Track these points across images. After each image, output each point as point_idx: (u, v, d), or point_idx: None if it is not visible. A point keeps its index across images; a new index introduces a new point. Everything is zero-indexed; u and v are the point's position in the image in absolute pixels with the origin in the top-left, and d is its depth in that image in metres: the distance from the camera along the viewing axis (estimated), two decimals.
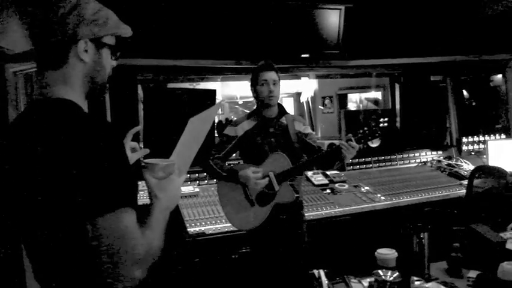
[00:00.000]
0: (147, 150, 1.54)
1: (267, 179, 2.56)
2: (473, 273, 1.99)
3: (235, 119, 3.03)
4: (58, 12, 1.10)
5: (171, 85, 4.72)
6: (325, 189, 3.83)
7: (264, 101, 2.69)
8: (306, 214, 2.99)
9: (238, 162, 2.95)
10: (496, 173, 3.62)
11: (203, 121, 1.33)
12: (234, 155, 3.06)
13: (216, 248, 3.00)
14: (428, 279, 2.00)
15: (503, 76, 5.17)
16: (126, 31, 1.23)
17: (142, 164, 1.19)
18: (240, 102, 6.53)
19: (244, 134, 2.71)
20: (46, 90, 1.13)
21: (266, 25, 3.75)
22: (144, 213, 1.11)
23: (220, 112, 6.23)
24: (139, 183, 1.33)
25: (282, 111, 2.80)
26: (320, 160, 2.61)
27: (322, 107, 6.12)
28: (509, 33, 4.89)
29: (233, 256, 3.03)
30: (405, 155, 4.66)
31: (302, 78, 5.59)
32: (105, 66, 1.21)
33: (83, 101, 1.18)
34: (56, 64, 1.13)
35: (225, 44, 3.76)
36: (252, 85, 2.75)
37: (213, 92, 4.05)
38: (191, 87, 4.98)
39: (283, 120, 2.77)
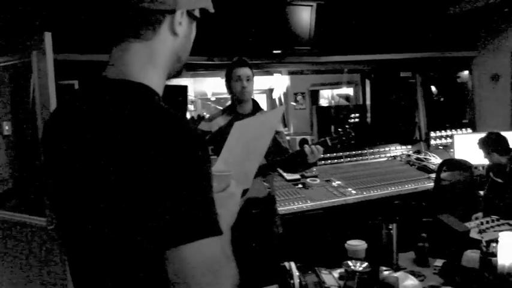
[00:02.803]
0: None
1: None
2: (439, 262, 2.06)
3: (208, 115, 3.03)
4: None
5: None
6: (297, 184, 3.86)
7: (237, 96, 2.71)
8: (277, 209, 3.01)
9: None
10: (462, 166, 3.73)
11: (259, 126, 1.18)
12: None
13: None
14: (396, 269, 2.05)
15: (470, 73, 5.32)
16: (211, 5, 1.07)
17: None
18: (213, 98, 6.50)
19: (218, 130, 2.71)
20: (125, 68, 0.93)
21: (238, 21, 3.75)
22: None
23: (192, 109, 6.20)
24: None
25: (256, 107, 2.81)
26: (287, 161, 2.63)
27: (294, 103, 6.16)
28: (475, 31, 5.04)
29: None
30: (376, 150, 4.74)
31: (274, 74, 5.61)
32: (191, 43, 1.03)
33: (162, 84, 0.99)
34: (147, 35, 0.93)
35: (197, 40, 3.73)
36: (226, 81, 2.76)
37: (184, 88, 4.04)
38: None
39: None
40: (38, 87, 2.70)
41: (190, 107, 6.31)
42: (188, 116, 5.35)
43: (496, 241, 1.95)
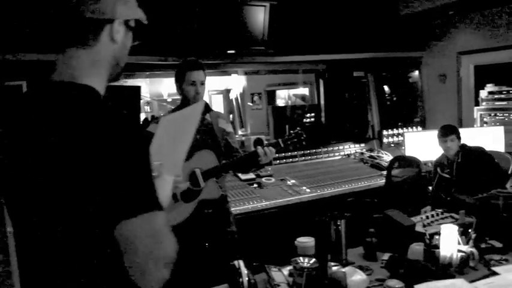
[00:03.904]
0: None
1: (187, 183, 2.56)
2: (387, 256, 2.10)
3: (157, 115, 2.98)
4: None
5: None
6: (252, 184, 3.87)
7: (189, 100, 2.68)
8: (233, 209, 3.00)
9: None
10: (411, 162, 3.85)
11: (182, 120, 1.33)
12: None
13: None
14: (345, 264, 2.09)
15: (419, 72, 5.51)
16: (144, 17, 1.21)
17: None
18: (169, 99, 6.43)
19: None
20: (71, 72, 1.06)
21: (192, 21, 3.72)
22: None
23: (148, 110, 6.12)
24: None
25: (206, 108, 2.79)
26: (240, 163, 2.64)
27: (251, 104, 6.18)
28: (423, 33, 5.22)
29: None
30: (330, 148, 4.82)
31: (232, 75, 5.61)
32: (128, 50, 1.19)
33: (104, 86, 1.12)
34: (89, 42, 1.07)
35: (150, 40, 3.67)
36: (177, 82, 2.71)
37: (137, 89, 3.97)
38: (118, 84, 4.84)
39: (208, 117, 2.77)
40: None
41: (147, 108, 6.22)
42: (143, 117, 5.26)
43: (439, 234, 2.02)
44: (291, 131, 2.66)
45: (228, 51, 4.06)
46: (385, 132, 5.19)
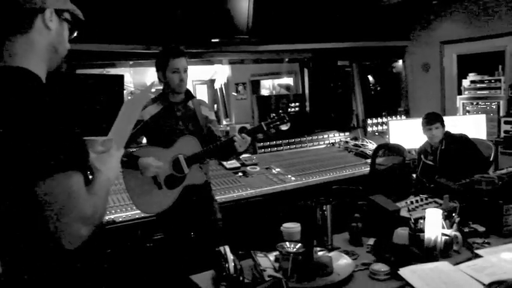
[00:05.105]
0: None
1: (167, 165, 2.54)
2: (372, 241, 2.11)
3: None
4: None
5: (81, 71, 4.49)
6: (237, 173, 3.86)
7: (173, 88, 2.65)
8: (218, 197, 2.99)
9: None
10: (395, 150, 3.87)
11: (135, 102, 1.48)
12: (143, 141, 3.00)
13: (128, 236, 2.92)
14: (331, 249, 2.09)
15: (403, 62, 5.54)
16: (80, 13, 1.34)
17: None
18: (153, 90, 6.37)
19: (150, 119, 2.65)
20: (9, 58, 1.20)
21: (176, 9, 3.68)
22: (88, 183, 1.20)
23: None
24: None
25: (188, 95, 2.77)
26: (217, 150, 2.63)
27: (235, 94, 6.16)
28: (407, 22, 5.25)
29: (148, 244, 2.98)
30: (314, 137, 4.83)
31: (215, 64, 5.58)
32: (65, 39, 1.31)
33: (43, 70, 1.25)
34: (24, 28, 1.21)
35: (134, 28, 3.64)
36: (160, 69, 2.67)
37: (120, 78, 3.90)
38: (101, 73, 4.77)
39: (190, 104, 2.74)
40: None
41: (130, 98, 6.14)
42: None
43: (423, 218, 2.03)
44: (273, 114, 2.66)
45: (212, 40, 4.03)
46: (369, 121, 5.23)
